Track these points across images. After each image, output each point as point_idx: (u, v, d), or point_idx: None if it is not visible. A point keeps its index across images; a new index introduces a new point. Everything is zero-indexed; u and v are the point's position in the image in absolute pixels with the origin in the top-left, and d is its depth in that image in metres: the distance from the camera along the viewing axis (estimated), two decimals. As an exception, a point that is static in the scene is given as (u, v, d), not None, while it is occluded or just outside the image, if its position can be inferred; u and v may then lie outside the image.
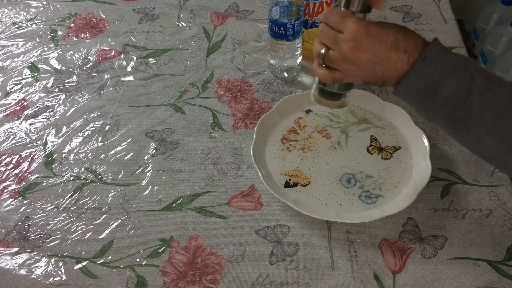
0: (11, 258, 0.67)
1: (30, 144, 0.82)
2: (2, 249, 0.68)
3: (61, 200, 0.73)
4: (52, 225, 0.70)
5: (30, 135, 0.83)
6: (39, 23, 1.06)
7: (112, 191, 0.74)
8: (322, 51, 0.56)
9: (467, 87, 0.49)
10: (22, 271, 0.65)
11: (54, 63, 0.96)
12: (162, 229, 0.69)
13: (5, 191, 0.75)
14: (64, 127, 0.84)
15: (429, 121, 0.55)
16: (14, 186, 0.76)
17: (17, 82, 0.93)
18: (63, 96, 0.89)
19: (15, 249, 0.68)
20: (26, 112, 0.87)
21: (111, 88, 0.90)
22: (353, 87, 0.62)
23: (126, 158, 0.78)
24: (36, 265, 0.66)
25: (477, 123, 0.50)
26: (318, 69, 0.58)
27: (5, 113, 0.87)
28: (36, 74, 0.94)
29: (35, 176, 0.77)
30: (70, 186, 0.75)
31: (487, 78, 0.50)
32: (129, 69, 0.94)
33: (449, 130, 0.53)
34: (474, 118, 0.50)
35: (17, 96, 0.90)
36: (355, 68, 0.54)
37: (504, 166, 0.54)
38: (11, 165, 0.79)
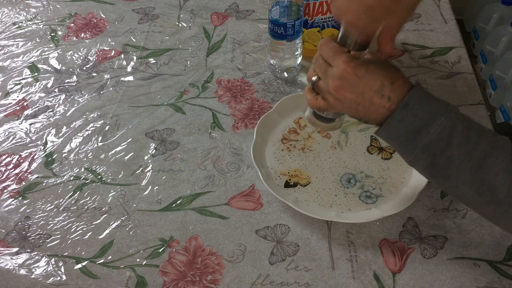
0: (11, 258, 0.67)
1: (30, 144, 0.82)
2: (2, 249, 0.68)
3: (61, 200, 0.73)
4: (52, 225, 0.70)
5: (30, 135, 0.83)
6: (39, 23, 1.06)
7: (112, 191, 0.74)
8: (314, 78, 0.57)
9: (448, 136, 0.50)
10: (22, 271, 0.65)
11: (54, 63, 0.96)
12: (162, 229, 0.69)
13: (5, 191, 0.75)
14: (64, 127, 0.84)
15: (409, 164, 0.55)
16: (14, 186, 0.76)
17: (17, 82, 0.93)
18: (63, 96, 0.89)
19: (15, 249, 0.68)
20: (26, 112, 0.87)
21: (111, 88, 0.90)
22: (343, 114, 0.61)
23: (126, 158, 0.78)
24: (36, 265, 0.66)
25: (456, 173, 0.51)
26: (308, 93, 0.59)
27: (5, 113, 0.87)
28: (36, 74, 0.94)
29: (35, 176, 0.77)
30: (70, 186, 0.75)
31: (467, 127, 0.51)
32: (129, 69, 0.94)
33: (428, 175, 0.54)
34: (453, 167, 0.51)
35: (17, 96, 0.90)
36: (338, 103, 0.55)
37: (480, 212, 0.55)
38: (11, 165, 0.79)
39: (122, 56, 0.97)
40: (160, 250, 0.67)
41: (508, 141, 0.51)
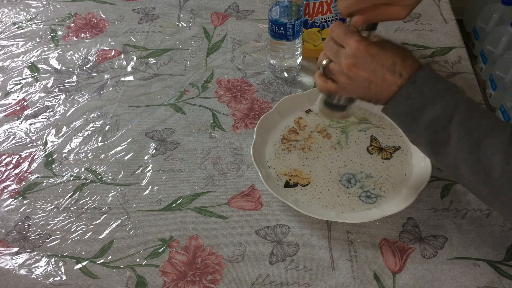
0: (11, 258, 0.67)
1: (30, 144, 0.82)
2: (2, 249, 0.68)
3: (61, 200, 0.73)
4: (52, 225, 0.70)
5: (30, 135, 0.83)
6: (39, 23, 1.06)
7: (112, 191, 0.74)
8: (324, 62, 0.58)
9: (450, 113, 0.51)
10: (22, 271, 0.65)
11: (54, 63, 0.96)
12: (162, 229, 0.69)
13: (5, 191, 0.75)
14: (64, 127, 0.84)
15: (412, 142, 0.57)
16: (14, 186, 0.76)
17: (17, 82, 0.93)
18: (63, 96, 0.89)
19: (15, 249, 0.68)
20: (26, 112, 0.87)
21: (111, 88, 0.90)
22: (355, 100, 0.63)
23: (126, 158, 0.78)
24: (36, 265, 0.66)
25: (455, 150, 0.52)
26: (318, 78, 0.60)
27: (5, 113, 0.87)
28: (36, 74, 0.94)
29: (35, 176, 0.77)
30: (70, 186, 0.75)
31: (471, 108, 0.52)
32: (129, 69, 0.94)
33: (429, 152, 0.56)
34: (452, 144, 0.52)
35: (17, 96, 0.90)
36: (351, 83, 0.56)
37: (476, 193, 0.56)
38: (11, 165, 0.79)
39: (122, 56, 0.97)
40: (160, 250, 0.67)
41: (509, 125, 0.52)
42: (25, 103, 0.89)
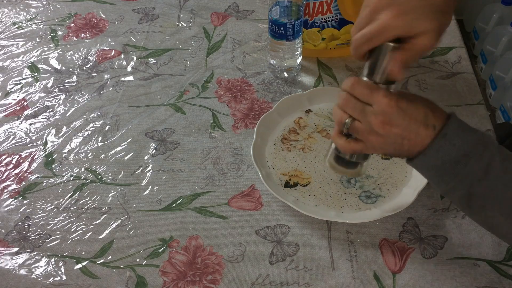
0: (11, 258, 0.67)
1: (30, 144, 0.82)
2: (2, 249, 0.68)
3: (61, 200, 0.73)
4: (52, 225, 0.70)
5: (30, 135, 0.83)
6: (39, 23, 1.06)
7: (112, 191, 0.74)
8: (347, 120, 0.54)
9: (486, 166, 0.50)
10: (22, 271, 0.65)
11: (54, 63, 0.96)
12: (162, 229, 0.69)
13: (5, 191, 0.75)
14: (64, 127, 0.84)
15: (444, 194, 0.55)
16: (14, 186, 0.76)
17: (17, 82, 0.93)
18: (63, 96, 0.89)
19: (15, 249, 0.68)
20: (26, 112, 0.87)
21: (111, 88, 0.90)
22: (369, 157, 0.59)
23: (126, 158, 0.78)
24: (36, 265, 0.66)
25: (493, 202, 0.51)
26: (338, 138, 0.56)
27: (5, 113, 0.87)
28: (36, 74, 0.94)
29: (35, 176, 0.77)
30: (70, 186, 0.75)
31: (505, 158, 0.50)
32: (129, 69, 0.94)
33: (464, 205, 0.54)
34: (490, 196, 0.50)
35: (17, 96, 0.90)
36: (382, 141, 0.53)
37: None
38: (11, 165, 0.79)
39: (122, 56, 0.97)
40: (160, 250, 0.67)
41: None
42: (25, 103, 0.89)
